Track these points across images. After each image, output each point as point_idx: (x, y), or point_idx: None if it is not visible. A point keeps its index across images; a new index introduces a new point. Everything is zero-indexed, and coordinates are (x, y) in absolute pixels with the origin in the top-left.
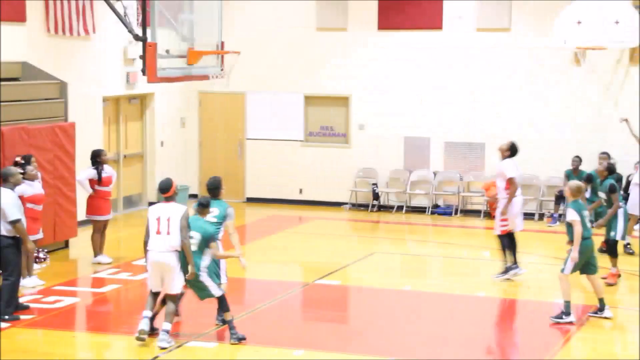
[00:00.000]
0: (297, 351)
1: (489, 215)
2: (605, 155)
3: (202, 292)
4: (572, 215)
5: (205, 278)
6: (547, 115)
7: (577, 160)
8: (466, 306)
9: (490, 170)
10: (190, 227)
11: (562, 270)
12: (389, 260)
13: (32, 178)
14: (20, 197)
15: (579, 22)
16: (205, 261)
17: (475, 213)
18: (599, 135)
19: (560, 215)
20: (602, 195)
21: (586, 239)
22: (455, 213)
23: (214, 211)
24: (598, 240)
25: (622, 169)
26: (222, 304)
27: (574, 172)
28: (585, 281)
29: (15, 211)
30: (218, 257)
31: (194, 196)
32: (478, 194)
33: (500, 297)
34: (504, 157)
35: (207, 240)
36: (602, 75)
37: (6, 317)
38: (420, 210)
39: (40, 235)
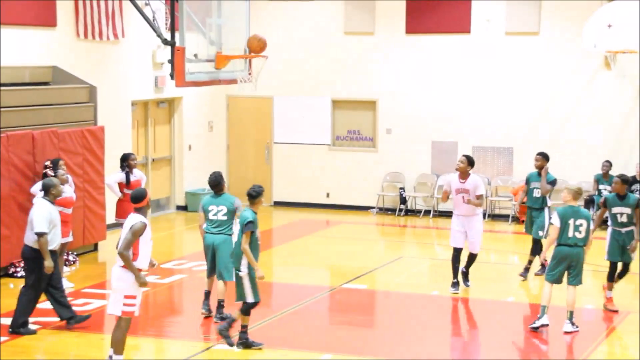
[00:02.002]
0: (324, 355)
1: (517, 219)
2: None
3: (238, 291)
4: (553, 218)
5: (245, 279)
6: (577, 120)
7: (608, 165)
8: (495, 311)
9: (519, 174)
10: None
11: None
12: (417, 264)
13: (62, 182)
14: None
15: (610, 26)
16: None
17: (504, 218)
18: (629, 140)
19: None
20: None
21: (563, 245)
22: (483, 217)
23: (222, 209)
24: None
25: None
26: (247, 309)
27: (604, 177)
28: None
29: (43, 224)
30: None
31: None
32: (506, 199)
33: (529, 302)
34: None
35: (245, 226)
36: (633, 79)
37: (21, 330)
38: (448, 214)
39: (70, 238)
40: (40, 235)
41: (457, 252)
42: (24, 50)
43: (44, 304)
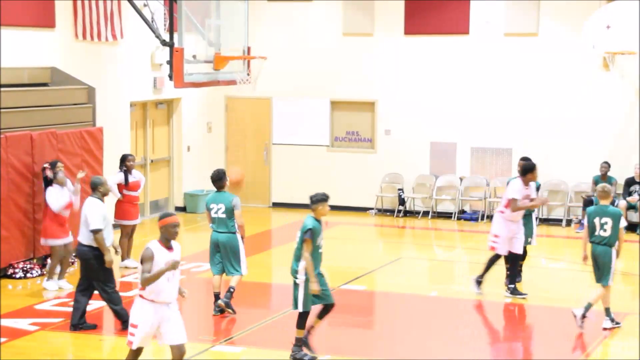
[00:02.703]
0: (323, 356)
1: None
2: None
3: (294, 298)
4: (585, 218)
5: (301, 286)
6: (576, 121)
7: (606, 166)
8: (493, 312)
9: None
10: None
11: None
12: (415, 265)
13: (61, 184)
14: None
15: (608, 27)
16: (301, 265)
17: None
18: (628, 141)
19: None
20: None
21: (592, 243)
22: (482, 219)
23: (221, 207)
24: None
25: None
26: (300, 320)
27: (602, 178)
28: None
29: (98, 221)
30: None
31: None
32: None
33: (527, 303)
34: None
35: (303, 234)
36: (632, 80)
37: (82, 325)
38: (447, 215)
39: (70, 239)
40: (96, 232)
41: (499, 257)
42: (22, 52)
43: (44, 304)
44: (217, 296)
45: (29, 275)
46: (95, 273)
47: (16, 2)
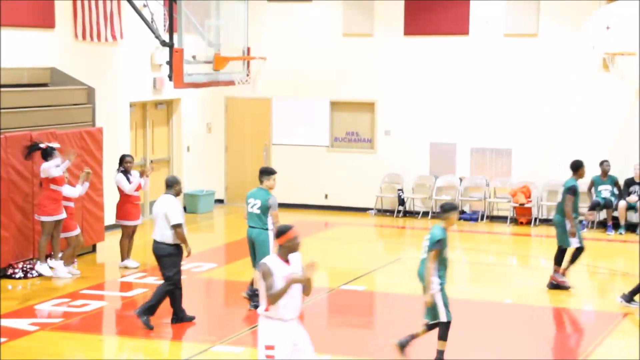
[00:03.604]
0: (323, 356)
1: (516, 221)
2: None
3: (428, 310)
4: None
5: (437, 296)
6: (575, 121)
7: (608, 164)
8: (493, 313)
9: (517, 176)
10: (429, 233)
11: None
12: (415, 266)
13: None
14: (46, 179)
15: (608, 28)
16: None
17: (502, 219)
18: (628, 142)
19: (589, 222)
20: None
21: None
22: (482, 219)
23: (257, 203)
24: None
25: None
26: (443, 332)
27: (603, 177)
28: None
29: (178, 216)
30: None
31: (219, 201)
32: (504, 200)
33: (527, 304)
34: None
35: (430, 246)
36: (631, 81)
37: (144, 318)
38: None
39: (62, 215)
40: (178, 226)
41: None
42: (22, 52)
43: (43, 304)
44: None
45: (28, 275)
46: (165, 265)
47: (16, 2)
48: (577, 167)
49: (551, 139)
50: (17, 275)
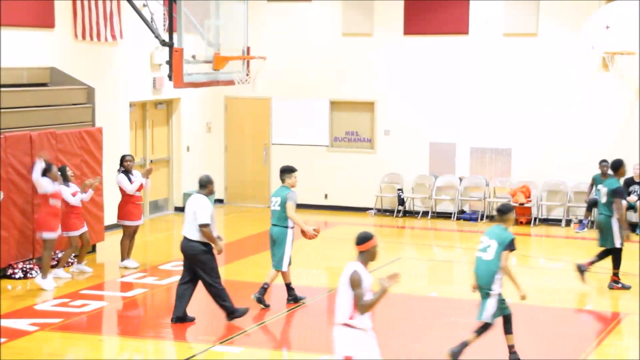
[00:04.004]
0: (323, 356)
1: (515, 221)
2: None
3: (481, 310)
4: None
5: (494, 298)
6: (575, 121)
7: (606, 164)
8: None
9: (517, 176)
10: (489, 235)
11: None
12: (415, 266)
13: (55, 179)
14: (44, 195)
15: (608, 27)
16: (497, 277)
17: None
18: (627, 142)
19: (590, 222)
20: None
21: None
22: (481, 219)
23: (277, 200)
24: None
25: None
26: (482, 330)
27: (603, 177)
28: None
29: (207, 216)
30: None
31: (219, 201)
32: (504, 200)
33: (526, 304)
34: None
35: (502, 247)
36: (631, 80)
37: (237, 313)
38: (446, 215)
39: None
40: (205, 226)
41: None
42: (22, 52)
43: (43, 305)
44: (287, 286)
45: (28, 275)
46: (203, 267)
47: (16, 2)
48: (618, 167)
49: (551, 139)
50: (17, 276)
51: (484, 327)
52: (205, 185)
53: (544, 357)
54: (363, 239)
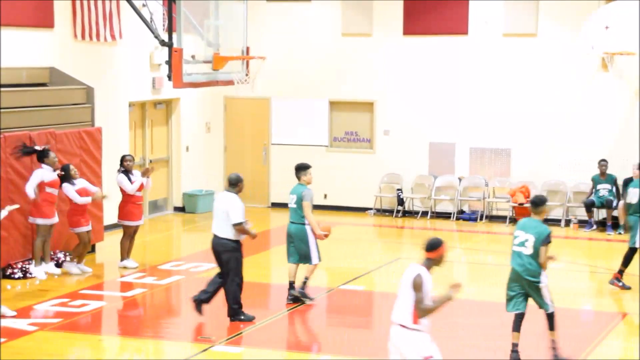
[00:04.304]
0: (322, 356)
1: (515, 221)
2: None
3: (538, 301)
4: None
5: (544, 288)
6: (574, 121)
7: (605, 164)
8: (492, 313)
9: (516, 176)
10: (524, 229)
11: None
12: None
13: (53, 166)
14: (41, 183)
15: (607, 28)
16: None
17: (501, 219)
18: (626, 141)
19: (595, 222)
20: None
21: None
22: (481, 219)
23: (293, 198)
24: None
25: None
26: (551, 321)
27: (602, 176)
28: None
29: (240, 215)
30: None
31: None
32: (504, 200)
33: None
34: None
35: (539, 242)
36: (630, 80)
37: (242, 317)
38: (445, 215)
39: (55, 220)
40: (238, 224)
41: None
42: (21, 52)
43: (42, 304)
44: (291, 284)
45: (28, 275)
46: (229, 264)
47: (15, 2)
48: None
49: (550, 139)
50: (17, 275)
51: (551, 317)
52: (235, 183)
53: (544, 357)
54: (433, 245)
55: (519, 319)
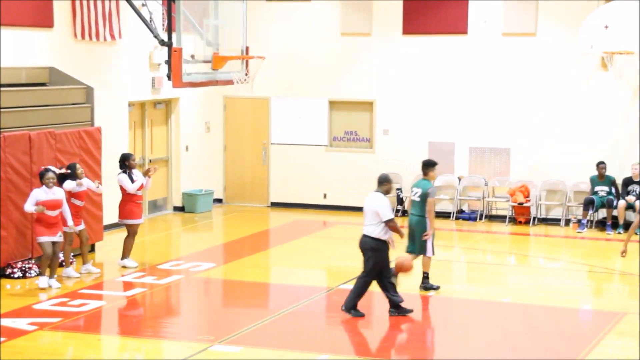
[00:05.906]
0: (321, 356)
1: (514, 220)
2: None
3: None
4: None
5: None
6: (574, 121)
7: (603, 166)
8: (492, 312)
9: (516, 175)
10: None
11: None
12: (414, 265)
13: (49, 184)
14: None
15: (606, 27)
16: None
17: (500, 218)
18: (626, 141)
19: (589, 221)
20: None
21: None
22: (480, 218)
23: (418, 191)
24: None
25: None
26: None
27: (600, 178)
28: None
29: (388, 212)
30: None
31: (218, 201)
32: (503, 200)
33: (525, 303)
34: None
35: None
36: (630, 80)
37: (351, 312)
38: (445, 215)
39: (59, 238)
40: (390, 221)
41: None
42: (21, 51)
43: (41, 304)
44: (425, 275)
45: (27, 275)
46: (377, 263)
47: (15, 2)
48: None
49: (550, 138)
50: (16, 275)
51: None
52: (383, 183)
53: (544, 357)
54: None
55: None
